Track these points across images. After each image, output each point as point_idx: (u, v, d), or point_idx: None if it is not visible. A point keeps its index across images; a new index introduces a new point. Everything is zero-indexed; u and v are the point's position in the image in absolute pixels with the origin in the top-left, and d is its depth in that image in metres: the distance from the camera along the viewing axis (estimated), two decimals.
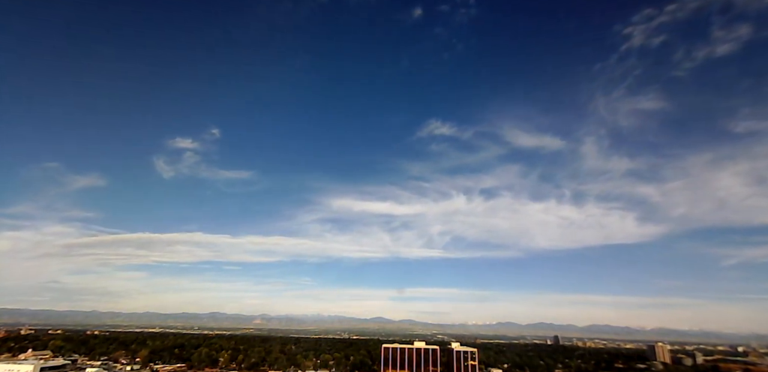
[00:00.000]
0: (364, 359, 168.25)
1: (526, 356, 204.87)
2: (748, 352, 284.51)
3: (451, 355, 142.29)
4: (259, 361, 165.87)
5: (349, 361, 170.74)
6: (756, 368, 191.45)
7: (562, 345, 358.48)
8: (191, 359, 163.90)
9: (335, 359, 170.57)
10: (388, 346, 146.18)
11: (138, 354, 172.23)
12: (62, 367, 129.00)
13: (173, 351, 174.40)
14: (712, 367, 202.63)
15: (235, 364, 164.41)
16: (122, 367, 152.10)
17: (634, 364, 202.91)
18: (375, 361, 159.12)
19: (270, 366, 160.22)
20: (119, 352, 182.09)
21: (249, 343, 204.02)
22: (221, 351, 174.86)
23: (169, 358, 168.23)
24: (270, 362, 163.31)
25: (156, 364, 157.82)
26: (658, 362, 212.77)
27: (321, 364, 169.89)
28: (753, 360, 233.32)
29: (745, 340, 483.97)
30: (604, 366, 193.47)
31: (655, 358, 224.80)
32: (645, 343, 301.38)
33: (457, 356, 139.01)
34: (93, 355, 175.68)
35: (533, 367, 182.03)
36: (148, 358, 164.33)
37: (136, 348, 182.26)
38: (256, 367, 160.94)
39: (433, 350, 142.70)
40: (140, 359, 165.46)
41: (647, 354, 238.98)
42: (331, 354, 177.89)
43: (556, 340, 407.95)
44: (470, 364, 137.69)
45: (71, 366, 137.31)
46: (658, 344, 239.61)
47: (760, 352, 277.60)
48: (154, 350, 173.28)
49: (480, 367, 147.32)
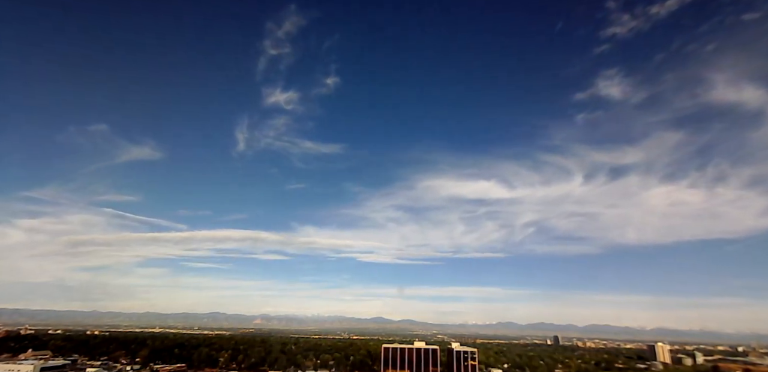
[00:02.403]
0: (364, 359, 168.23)
1: (526, 356, 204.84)
2: (748, 352, 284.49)
3: (451, 355, 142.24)
4: (259, 361, 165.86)
5: (349, 361, 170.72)
6: (756, 368, 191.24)
7: (562, 345, 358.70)
8: (191, 359, 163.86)
9: (335, 359, 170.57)
10: (388, 346, 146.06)
11: (138, 354, 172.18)
12: (62, 367, 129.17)
13: (173, 351, 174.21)
14: (712, 367, 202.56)
15: (235, 364, 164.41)
16: (122, 367, 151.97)
17: (634, 364, 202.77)
18: (375, 361, 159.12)
19: (270, 366, 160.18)
20: (119, 352, 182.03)
21: (249, 343, 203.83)
22: (221, 351, 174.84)
23: (169, 358, 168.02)
24: (270, 362, 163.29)
25: (156, 364, 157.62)
26: (658, 362, 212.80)
27: (321, 364, 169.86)
28: (753, 360, 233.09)
29: (745, 340, 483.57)
30: (604, 366, 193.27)
31: (655, 358, 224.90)
32: (645, 343, 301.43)
33: (457, 356, 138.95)
34: (93, 355, 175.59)
35: (533, 367, 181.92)
36: (148, 358, 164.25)
37: (136, 348, 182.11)
38: (256, 367, 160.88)
39: (433, 350, 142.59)
40: (140, 359, 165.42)
41: (647, 354, 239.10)
42: (331, 354, 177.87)
43: (556, 340, 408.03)
44: (470, 364, 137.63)
45: (71, 366, 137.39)
46: (658, 344, 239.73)
47: (760, 352, 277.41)
48: (154, 350, 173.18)
49: (480, 367, 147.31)
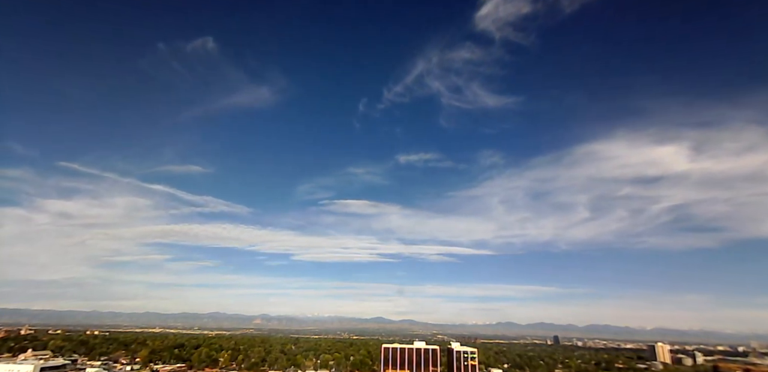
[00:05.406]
0: (364, 359, 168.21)
1: (526, 356, 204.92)
2: (748, 352, 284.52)
3: (451, 355, 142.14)
4: (259, 361, 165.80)
5: (349, 361, 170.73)
6: (756, 368, 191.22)
7: (562, 345, 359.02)
8: (191, 359, 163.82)
9: (335, 359, 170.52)
10: (388, 346, 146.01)
11: (138, 354, 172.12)
12: (62, 367, 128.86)
13: (173, 351, 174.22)
14: (712, 367, 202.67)
15: (235, 364, 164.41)
16: (122, 367, 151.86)
17: (634, 364, 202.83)
18: (375, 361, 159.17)
19: (270, 366, 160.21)
20: (119, 352, 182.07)
21: (249, 343, 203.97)
22: (221, 351, 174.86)
23: (169, 358, 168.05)
24: (270, 362, 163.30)
25: (156, 364, 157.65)
26: (658, 362, 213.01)
27: (321, 364, 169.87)
28: (753, 360, 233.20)
29: (745, 340, 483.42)
30: (604, 366, 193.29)
31: (655, 358, 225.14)
32: (645, 343, 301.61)
33: (457, 356, 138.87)
34: (93, 355, 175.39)
35: (533, 367, 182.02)
36: (148, 358, 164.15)
37: (136, 348, 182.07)
38: (256, 367, 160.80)
39: (433, 350, 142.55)
40: (140, 359, 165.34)
41: (647, 354, 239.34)
42: (331, 354, 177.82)
43: (556, 340, 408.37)
44: (470, 364, 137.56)
45: (71, 366, 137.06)
46: (658, 344, 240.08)
47: (760, 352, 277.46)
48: (154, 350, 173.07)
49: (480, 367, 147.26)
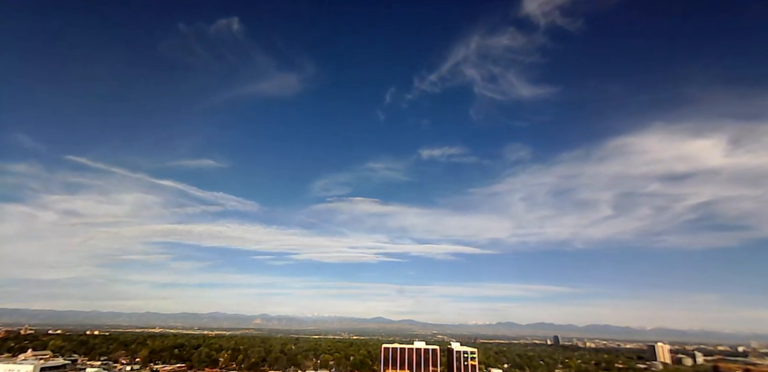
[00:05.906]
0: (364, 359, 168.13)
1: (526, 356, 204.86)
2: (748, 352, 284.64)
3: (451, 355, 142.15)
4: (259, 361, 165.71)
5: (349, 361, 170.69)
6: (756, 368, 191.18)
7: (562, 345, 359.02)
8: (191, 359, 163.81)
9: (335, 359, 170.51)
10: (388, 346, 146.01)
11: (138, 354, 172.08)
12: (62, 367, 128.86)
13: (173, 351, 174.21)
14: (712, 367, 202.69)
15: (235, 364, 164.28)
16: (122, 367, 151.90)
17: (634, 364, 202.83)
18: (375, 361, 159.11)
19: (270, 366, 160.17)
20: (119, 352, 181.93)
21: (249, 343, 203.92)
22: (221, 351, 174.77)
23: (169, 358, 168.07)
24: (270, 362, 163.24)
25: (156, 364, 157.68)
26: (658, 362, 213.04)
27: (321, 364, 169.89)
28: (753, 360, 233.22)
29: (745, 340, 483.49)
30: (604, 366, 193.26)
31: (655, 358, 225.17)
32: (645, 343, 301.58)
33: (457, 356, 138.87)
34: (93, 355, 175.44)
35: (533, 367, 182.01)
36: (148, 358, 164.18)
37: (136, 348, 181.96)
38: (256, 367, 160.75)
39: (433, 350, 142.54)
40: (140, 359, 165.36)
41: (647, 354, 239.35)
42: (331, 354, 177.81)
43: (556, 340, 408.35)
44: (470, 364, 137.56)
45: (71, 366, 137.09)
46: (658, 344, 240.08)
47: (760, 352, 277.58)
48: (154, 350, 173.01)
49: (480, 367, 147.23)
